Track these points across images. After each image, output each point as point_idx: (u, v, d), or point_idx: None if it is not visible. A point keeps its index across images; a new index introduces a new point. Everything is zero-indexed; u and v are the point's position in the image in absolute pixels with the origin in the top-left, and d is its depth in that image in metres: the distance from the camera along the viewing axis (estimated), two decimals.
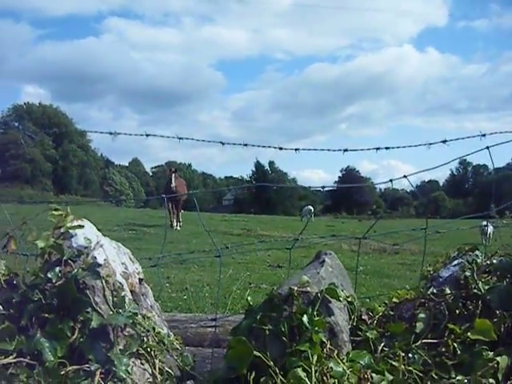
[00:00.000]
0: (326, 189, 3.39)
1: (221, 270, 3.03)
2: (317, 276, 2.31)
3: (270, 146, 3.06)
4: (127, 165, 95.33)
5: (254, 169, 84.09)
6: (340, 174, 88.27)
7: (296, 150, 3.05)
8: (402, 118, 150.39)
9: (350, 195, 78.63)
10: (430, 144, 3.14)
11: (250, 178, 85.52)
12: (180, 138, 2.93)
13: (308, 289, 2.17)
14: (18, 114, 72.89)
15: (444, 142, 3.09)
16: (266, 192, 73.02)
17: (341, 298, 2.20)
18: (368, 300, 3.50)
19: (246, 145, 3.01)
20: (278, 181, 79.47)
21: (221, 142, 3.06)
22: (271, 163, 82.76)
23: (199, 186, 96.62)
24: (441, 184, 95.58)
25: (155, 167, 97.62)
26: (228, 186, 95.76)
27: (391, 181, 3.01)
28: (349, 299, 2.39)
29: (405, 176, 3.03)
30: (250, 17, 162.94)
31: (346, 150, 3.11)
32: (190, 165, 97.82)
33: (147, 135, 2.94)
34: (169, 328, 2.66)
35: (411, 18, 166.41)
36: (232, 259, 9.85)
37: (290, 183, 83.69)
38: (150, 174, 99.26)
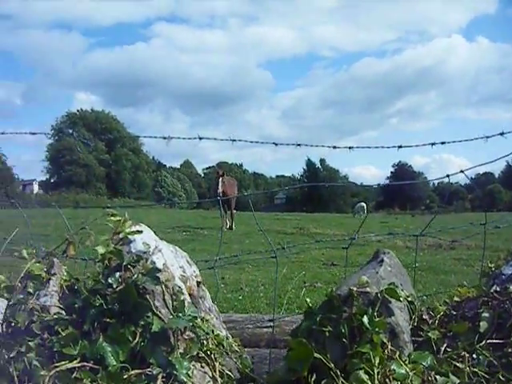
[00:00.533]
0: (380, 184, 3.34)
1: (277, 270, 3.02)
2: (376, 276, 2.28)
3: (323, 146, 3.04)
4: (179, 167, 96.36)
5: (305, 167, 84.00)
6: (392, 170, 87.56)
7: (350, 148, 3.02)
8: (453, 110, 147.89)
9: (403, 190, 77.70)
10: (488, 137, 3.05)
11: (302, 176, 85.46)
12: (233, 140, 2.93)
13: (367, 289, 2.14)
14: (71, 121, 74.46)
15: (502, 134, 2.99)
16: (318, 190, 72.70)
17: (401, 298, 2.16)
18: (425, 298, 3.45)
19: (299, 145, 3.00)
20: (329, 178, 79.05)
21: (274, 143, 3.05)
22: (322, 161, 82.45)
23: (250, 185, 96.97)
24: (496, 176, 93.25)
25: (207, 168, 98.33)
26: (279, 185, 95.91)
27: (448, 176, 2.95)
28: (409, 299, 2.34)
29: (462, 171, 2.96)
30: (295, 15, 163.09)
31: (400, 147, 3.06)
32: (241, 165, 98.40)
33: (200, 138, 2.95)
34: (226, 329, 2.67)
35: (459, 7, 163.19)
36: (286, 258, 9.83)
37: (341, 180, 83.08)
38: (202, 175, 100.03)
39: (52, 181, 74.43)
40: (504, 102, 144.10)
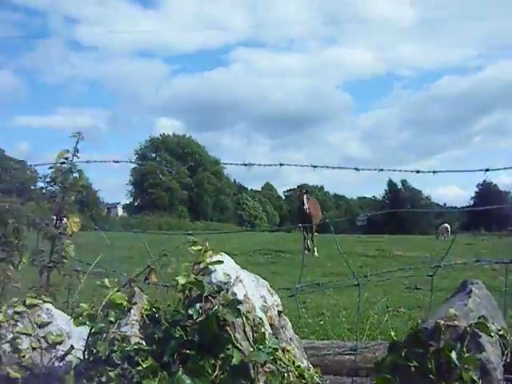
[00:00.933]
0: (463, 205, 3.22)
1: (359, 297, 2.96)
2: (464, 308, 2.17)
3: (406, 171, 2.98)
4: (260, 189, 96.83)
5: (386, 188, 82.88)
6: (477, 189, 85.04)
7: (434, 172, 2.94)
8: None
9: (489, 210, 75.20)
10: None
11: (383, 197, 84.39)
12: (314, 166, 2.91)
13: (456, 322, 2.04)
14: (154, 146, 76.26)
15: None
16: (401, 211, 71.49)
17: (492, 333, 2.05)
18: None
19: (381, 170, 2.94)
20: (411, 199, 77.75)
21: (355, 168, 3.00)
22: (404, 182, 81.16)
23: (332, 208, 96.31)
24: None
25: (288, 190, 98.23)
26: (361, 206, 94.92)
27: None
28: (500, 332, 2.22)
29: None
30: (373, 35, 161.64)
31: (487, 170, 2.95)
32: (322, 187, 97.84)
33: (281, 165, 2.94)
34: (307, 355, 2.62)
35: None
36: (368, 281, 9.65)
37: (424, 201, 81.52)
38: (283, 197, 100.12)
39: (135, 204, 76.21)
40: None
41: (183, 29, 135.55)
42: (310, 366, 2.46)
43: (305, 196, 18.55)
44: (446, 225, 35.26)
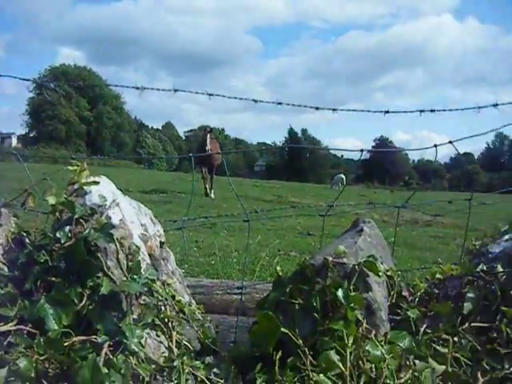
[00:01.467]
0: (360, 157, 3.18)
1: (249, 235, 2.87)
2: (354, 246, 2.09)
3: (305, 106, 2.86)
4: (160, 128, 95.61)
5: (287, 135, 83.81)
6: (373, 144, 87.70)
7: (334, 110, 2.84)
8: (439, 88, 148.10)
9: (383, 165, 77.84)
10: (480, 107, 2.91)
11: (283, 144, 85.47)
12: (210, 95, 2.74)
13: (344, 260, 1.96)
14: (54, 76, 73.26)
15: (495, 105, 2.87)
16: (299, 159, 72.75)
17: (380, 273, 1.98)
18: (404, 273, 3.31)
19: (279, 103, 2.81)
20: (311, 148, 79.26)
21: (253, 100, 2.86)
22: (304, 130, 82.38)
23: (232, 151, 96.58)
24: (476, 157, 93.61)
25: (188, 131, 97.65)
26: (261, 152, 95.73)
27: (436, 146, 2.80)
28: (388, 273, 2.17)
29: (450, 142, 2.83)
30: None
31: (387, 112, 2.89)
32: (223, 130, 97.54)
33: (175, 90, 2.75)
34: (194, 294, 2.51)
35: None
36: (262, 225, 9.71)
37: (322, 151, 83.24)
38: (183, 137, 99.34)
39: (31, 135, 73.49)
40: (489, 84, 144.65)
41: None
42: (193, 301, 2.33)
43: (208, 136, 17.89)
44: (342, 175, 36.16)
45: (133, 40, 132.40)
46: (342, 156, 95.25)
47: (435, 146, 2.78)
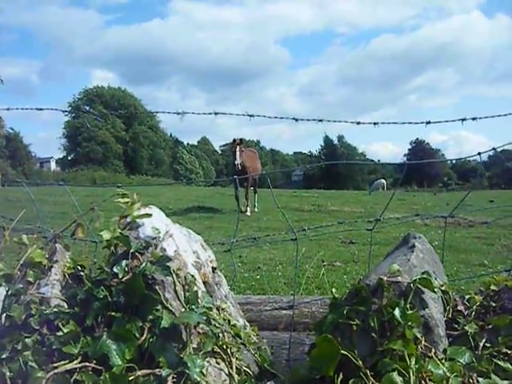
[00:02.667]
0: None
1: (297, 252, 2.89)
2: (407, 264, 2.08)
3: (346, 121, 2.87)
4: (196, 144, 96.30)
5: (322, 144, 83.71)
6: (409, 147, 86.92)
7: (374, 124, 2.84)
8: (471, 86, 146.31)
9: (421, 168, 77.09)
10: None
11: (319, 152, 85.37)
12: (250, 116, 2.77)
13: (399, 278, 1.95)
14: (88, 98, 74.45)
15: None
16: (336, 167, 72.48)
17: (435, 289, 1.97)
18: (454, 283, 3.28)
19: (320, 120, 2.82)
20: (347, 155, 78.97)
21: (294, 119, 2.88)
22: (340, 138, 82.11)
23: (268, 162, 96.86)
24: None
25: (224, 145, 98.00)
26: (297, 162, 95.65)
27: (479, 154, 2.77)
28: (443, 288, 2.16)
29: (494, 149, 2.79)
30: None
31: (428, 123, 2.88)
32: (258, 141, 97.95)
33: (216, 113, 2.79)
34: (243, 311, 2.52)
35: None
36: (304, 236, 9.70)
37: (359, 157, 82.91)
38: (219, 152, 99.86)
39: (69, 158, 74.69)
40: None
41: None
42: (247, 323, 2.35)
43: (237, 148, 16.14)
44: (383, 180, 36.03)
45: (164, 58, 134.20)
46: (379, 160, 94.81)
47: (479, 154, 2.76)
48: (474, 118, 2.89)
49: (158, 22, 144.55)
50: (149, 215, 2.06)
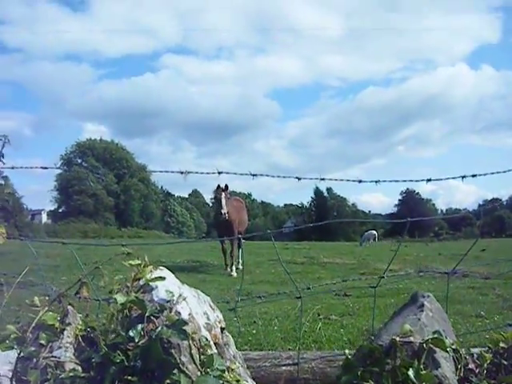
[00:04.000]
0: (387, 212, 3.22)
1: (302, 309, 2.89)
2: (418, 323, 2.10)
3: (348, 180, 2.92)
4: (187, 196, 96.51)
5: (313, 195, 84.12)
6: (400, 197, 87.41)
7: (376, 182, 2.89)
8: (459, 137, 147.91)
9: (411, 217, 77.03)
10: None
11: (310, 204, 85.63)
12: (254, 175, 2.81)
13: (411, 338, 1.96)
14: (81, 151, 74.86)
15: None
16: (327, 218, 72.62)
17: (448, 348, 1.98)
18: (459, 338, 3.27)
19: (322, 179, 2.87)
20: (337, 207, 79.32)
21: (297, 178, 2.92)
22: (329, 189, 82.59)
23: (259, 215, 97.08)
24: (504, 202, 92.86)
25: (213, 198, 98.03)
26: (288, 214, 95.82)
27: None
28: (453, 347, 2.16)
29: (495, 199, 2.83)
30: (302, 45, 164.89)
31: (429, 180, 2.94)
32: (249, 194, 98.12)
33: (219, 173, 2.83)
34: (251, 377, 2.51)
35: (464, 37, 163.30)
36: (301, 289, 9.64)
37: (349, 208, 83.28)
38: (210, 204, 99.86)
39: (60, 210, 74.58)
40: (509, 128, 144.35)
41: (112, 33, 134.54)
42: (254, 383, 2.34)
43: (223, 195, 14.39)
44: (374, 231, 36.10)
45: (155, 112, 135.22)
46: (370, 211, 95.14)
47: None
48: (473, 175, 2.95)
49: (150, 76, 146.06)
50: (162, 278, 2.06)
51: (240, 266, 15.12)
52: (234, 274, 14.05)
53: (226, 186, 14.56)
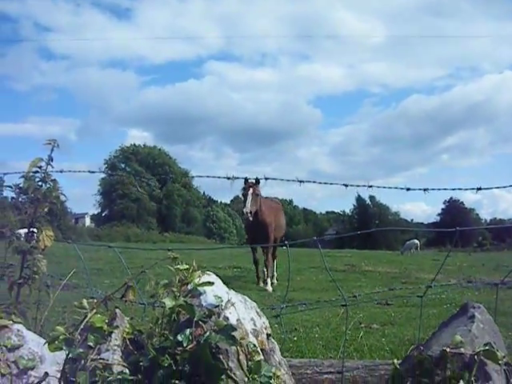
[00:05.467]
0: (430, 221, 3.17)
1: (347, 318, 2.87)
2: (469, 334, 2.06)
3: (396, 188, 2.89)
4: (229, 202, 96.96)
5: (355, 203, 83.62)
6: (443, 206, 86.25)
7: (425, 190, 2.85)
8: (504, 146, 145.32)
9: (454, 227, 75.88)
10: None
11: (352, 212, 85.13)
12: (300, 181, 2.80)
13: (462, 350, 1.92)
14: (124, 156, 75.93)
15: None
16: (369, 226, 72.03)
17: (500, 361, 1.93)
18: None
19: (370, 186, 2.85)
20: (379, 215, 78.73)
21: (344, 185, 2.91)
22: (372, 197, 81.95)
23: (301, 222, 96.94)
24: None
25: None
26: (329, 221, 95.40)
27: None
28: (505, 359, 2.11)
29: None
30: (345, 53, 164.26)
31: (479, 189, 2.88)
32: (291, 201, 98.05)
33: (266, 179, 2.83)
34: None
35: (510, 43, 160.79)
36: (339, 297, 9.58)
37: (392, 217, 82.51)
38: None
39: (103, 214, 75.65)
40: None
41: (156, 40, 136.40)
42: None
43: (250, 191, 11.45)
44: (416, 241, 35.78)
45: (198, 118, 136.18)
46: (412, 220, 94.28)
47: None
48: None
49: (193, 83, 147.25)
50: (211, 283, 2.07)
51: (275, 281, 12.92)
52: (270, 288, 11.93)
53: (257, 181, 10.87)
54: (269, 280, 12.18)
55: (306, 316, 7.92)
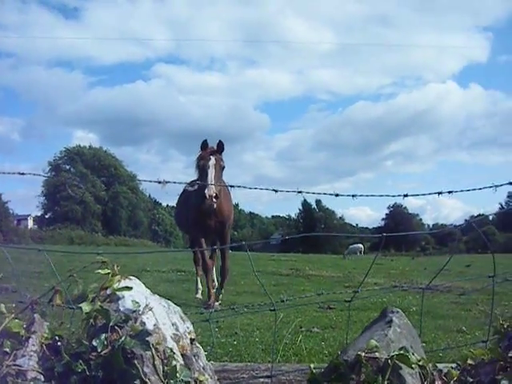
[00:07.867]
0: (374, 226, 3.23)
1: (276, 322, 2.89)
2: (385, 339, 2.10)
3: (325, 193, 2.94)
4: (175, 205, 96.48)
5: (300, 207, 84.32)
6: (387, 211, 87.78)
7: (353, 196, 2.91)
8: (446, 153, 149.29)
9: (398, 232, 77.20)
10: (496, 186, 2.93)
11: (297, 216, 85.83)
12: (232, 186, 2.82)
13: (376, 354, 1.96)
14: (69, 157, 74.70)
15: (511, 183, 2.89)
16: (314, 231, 72.67)
17: (413, 365, 1.98)
18: (431, 353, 3.28)
19: (300, 192, 2.88)
20: (325, 219, 79.56)
21: (274, 190, 2.94)
22: (318, 202, 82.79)
23: (246, 225, 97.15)
24: (490, 218, 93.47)
25: None
26: (275, 225, 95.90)
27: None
28: (420, 363, 2.16)
29: (467, 220, 2.85)
30: (293, 59, 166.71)
31: (406, 196, 2.95)
32: (237, 204, 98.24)
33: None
34: (219, 379, 2.50)
35: (454, 55, 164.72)
36: (282, 302, 9.61)
37: (337, 221, 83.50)
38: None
39: (47, 216, 74.26)
40: (495, 146, 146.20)
41: (104, 41, 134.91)
42: None
43: (211, 161, 8.73)
44: (360, 245, 36.41)
45: (145, 121, 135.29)
46: (357, 225, 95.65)
47: (455, 226, 2.82)
48: (450, 192, 2.96)
49: (141, 85, 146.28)
50: (129, 288, 2.06)
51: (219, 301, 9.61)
52: (218, 304, 9.33)
53: (221, 146, 9.07)
54: (220, 296, 9.75)
55: (247, 320, 7.93)
